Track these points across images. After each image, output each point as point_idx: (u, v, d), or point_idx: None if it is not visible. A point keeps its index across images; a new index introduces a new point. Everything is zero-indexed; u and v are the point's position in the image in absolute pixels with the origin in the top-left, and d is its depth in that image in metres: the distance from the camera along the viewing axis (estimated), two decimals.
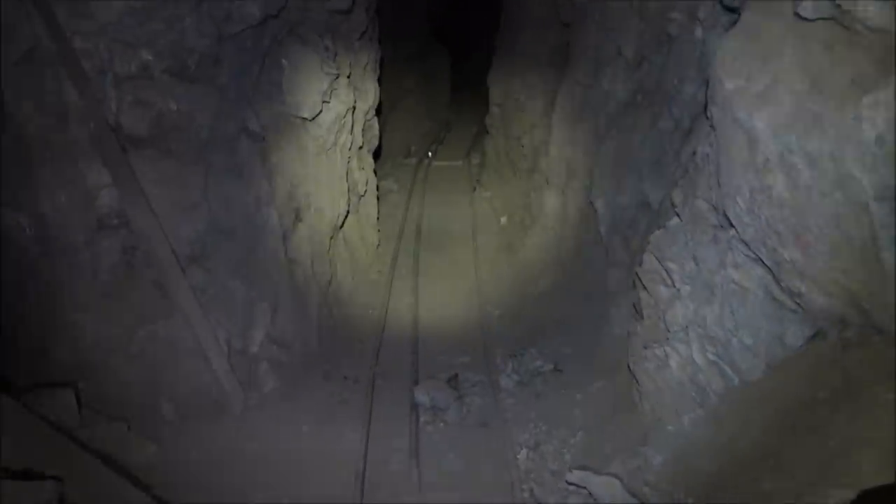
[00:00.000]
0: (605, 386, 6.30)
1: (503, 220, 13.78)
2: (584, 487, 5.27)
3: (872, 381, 3.70)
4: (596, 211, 7.97)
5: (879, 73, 3.47)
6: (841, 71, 3.73)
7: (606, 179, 7.83)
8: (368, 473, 6.05)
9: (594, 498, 5.21)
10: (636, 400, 5.64)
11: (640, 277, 5.73)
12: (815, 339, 4.27)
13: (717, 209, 4.86)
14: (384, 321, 9.18)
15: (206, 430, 6.39)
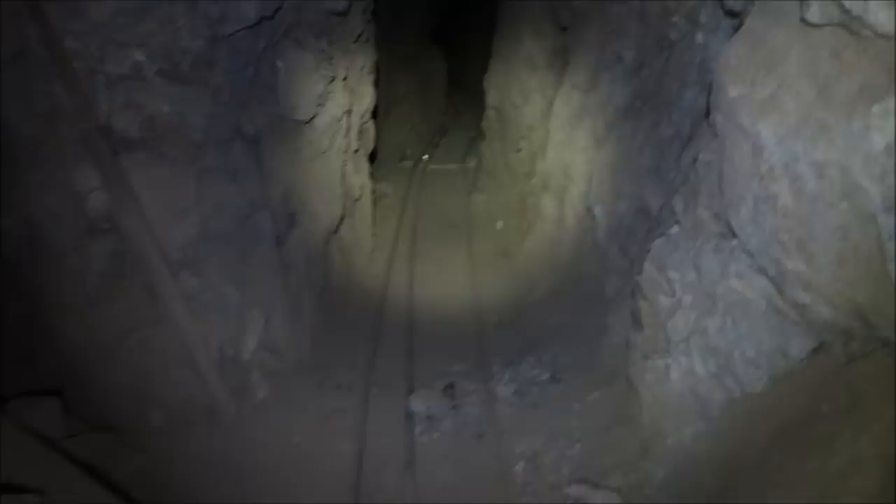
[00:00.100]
0: (603, 396, 6.20)
1: (499, 224, 13.71)
2: (583, 502, 5.18)
3: (877, 396, 3.62)
4: (594, 217, 7.88)
5: (889, 81, 3.38)
6: (849, 79, 3.64)
7: (605, 185, 7.74)
8: (362, 485, 5.92)
9: None
10: (635, 411, 5.54)
11: (639, 286, 5.63)
12: (818, 351, 4.18)
13: (719, 218, 4.78)
14: (379, 328, 9.04)
15: (195, 439, 6.24)
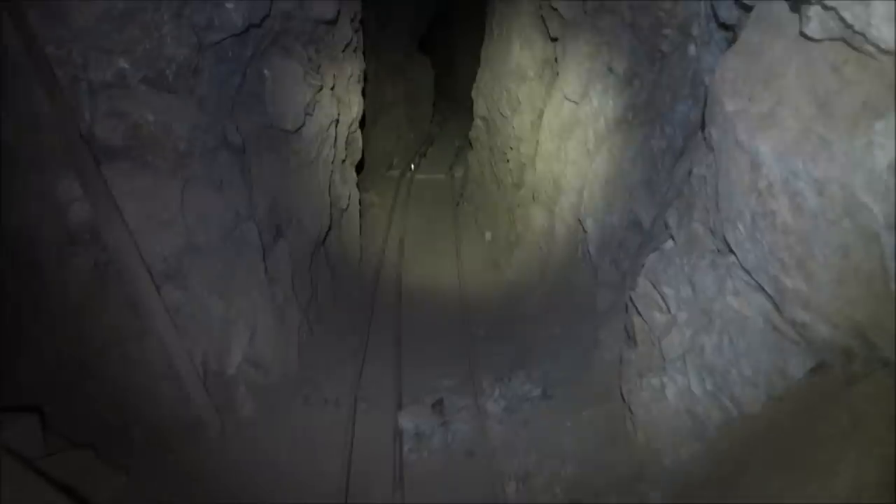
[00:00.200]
0: (595, 413, 6.09)
1: (488, 235, 13.62)
2: None
3: (879, 418, 3.54)
4: (585, 230, 7.80)
5: (892, 98, 3.33)
6: (850, 94, 3.58)
7: (596, 198, 7.67)
8: None
9: None
10: (630, 430, 5.44)
11: (633, 302, 5.54)
12: (817, 371, 4.10)
13: (714, 233, 4.71)
14: (366, 341, 8.89)
15: (178, 457, 6.08)
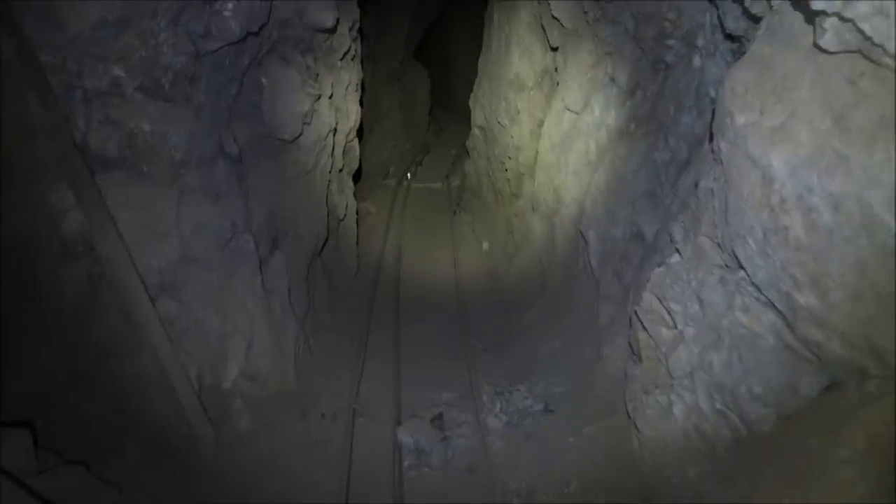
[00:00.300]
0: (599, 430, 5.97)
1: (485, 245, 13.51)
2: None
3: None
4: (586, 241, 7.69)
5: None
6: (867, 108, 3.50)
7: (598, 209, 7.57)
8: None
9: None
10: (635, 447, 5.32)
11: (638, 317, 5.44)
12: (831, 390, 4.01)
13: (722, 248, 4.61)
14: (364, 354, 8.75)
15: (173, 473, 5.94)
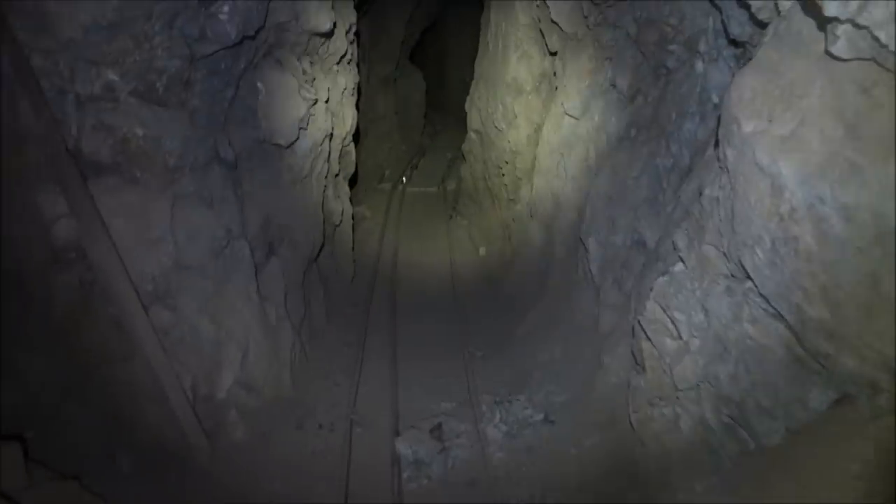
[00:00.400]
0: (601, 441, 5.87)
1: (482, 250, 13.43)
2: None
3: None
4: (586, 248, 7.60)
5: None
6: (882, 117, 3.41)
7: (598, 216, 7.47)
8: None
9: None
10: (639, 460, 5.23)
11: (642, 326, 5.34)
12: (841, 403, 3.92)
13: (728, 257, 4.52)
14: (360, 361, 8.64)
15: (167, 486, 5.81)
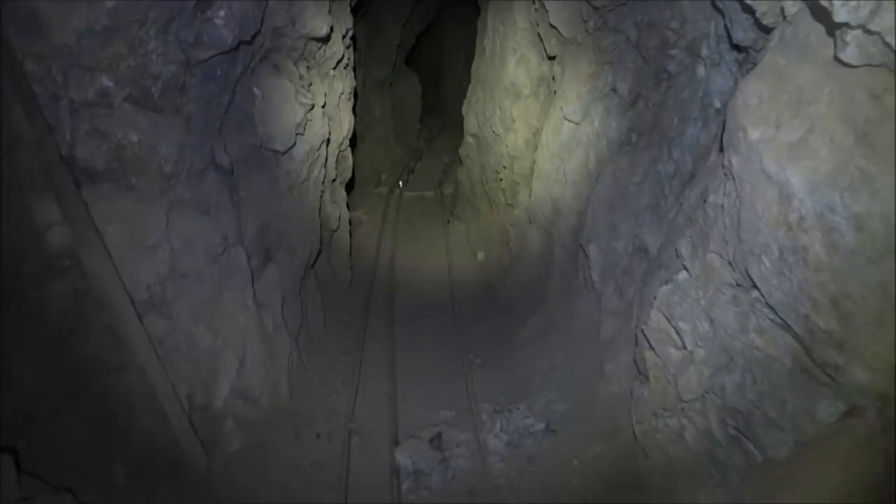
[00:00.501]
0: (604, 451, 5.78)
1: (480, 255, 13.35)
2: None
3: None
4: (587, 255, 7.53)
5: None
6: (893, 124, 3.36)
7: (599, 222, 7.40)
8: None
9: None
10: (643, 471, 5.15)
11: (645, 335, 5.27)
12: (850, 415, 3.85)
13: (734, 266, 4.45)
14: (359, 369, 8.53)
15: (162, 496, 5.72)
